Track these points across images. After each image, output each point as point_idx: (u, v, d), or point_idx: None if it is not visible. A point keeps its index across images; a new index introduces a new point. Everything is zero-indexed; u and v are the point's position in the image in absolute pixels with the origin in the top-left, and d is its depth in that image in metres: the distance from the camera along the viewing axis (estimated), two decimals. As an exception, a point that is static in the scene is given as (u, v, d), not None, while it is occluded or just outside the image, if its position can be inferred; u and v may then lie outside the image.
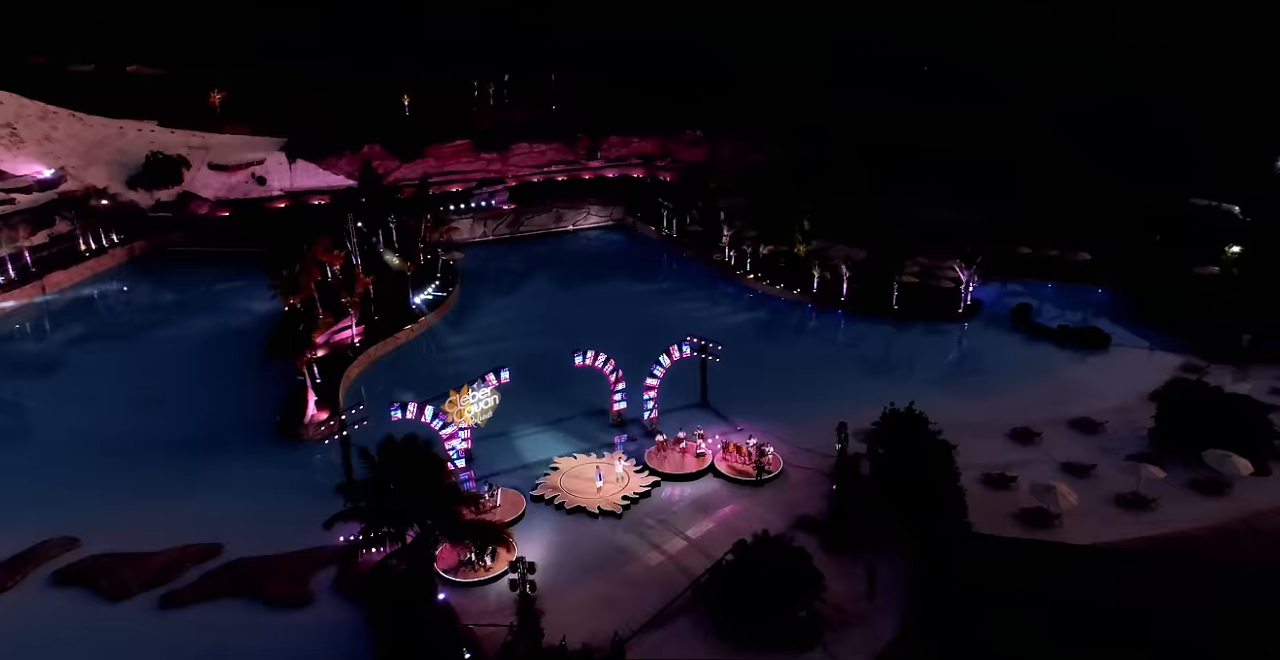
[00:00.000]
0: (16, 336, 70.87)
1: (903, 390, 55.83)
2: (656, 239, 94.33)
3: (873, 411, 46.89)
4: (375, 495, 34.76)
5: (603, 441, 52.59)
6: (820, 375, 61.19)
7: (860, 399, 53.88)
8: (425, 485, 34.38)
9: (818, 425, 51.65)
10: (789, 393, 57.79)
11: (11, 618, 38.35)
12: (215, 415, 55.53)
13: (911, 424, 44.89)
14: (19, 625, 37.78)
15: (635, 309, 74.64)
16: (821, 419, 52.36)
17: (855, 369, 63.19)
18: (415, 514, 33.67)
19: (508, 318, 73.73)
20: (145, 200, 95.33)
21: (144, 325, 73.30)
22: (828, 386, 58.84)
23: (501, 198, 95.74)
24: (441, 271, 78.37)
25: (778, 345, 67.49)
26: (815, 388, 58.68)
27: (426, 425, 46.65)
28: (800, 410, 54.60)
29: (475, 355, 65.29)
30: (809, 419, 53.17)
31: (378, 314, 68.23)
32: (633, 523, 44.66)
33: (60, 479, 48.56)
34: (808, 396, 57.00)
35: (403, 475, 34.33)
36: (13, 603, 39.36)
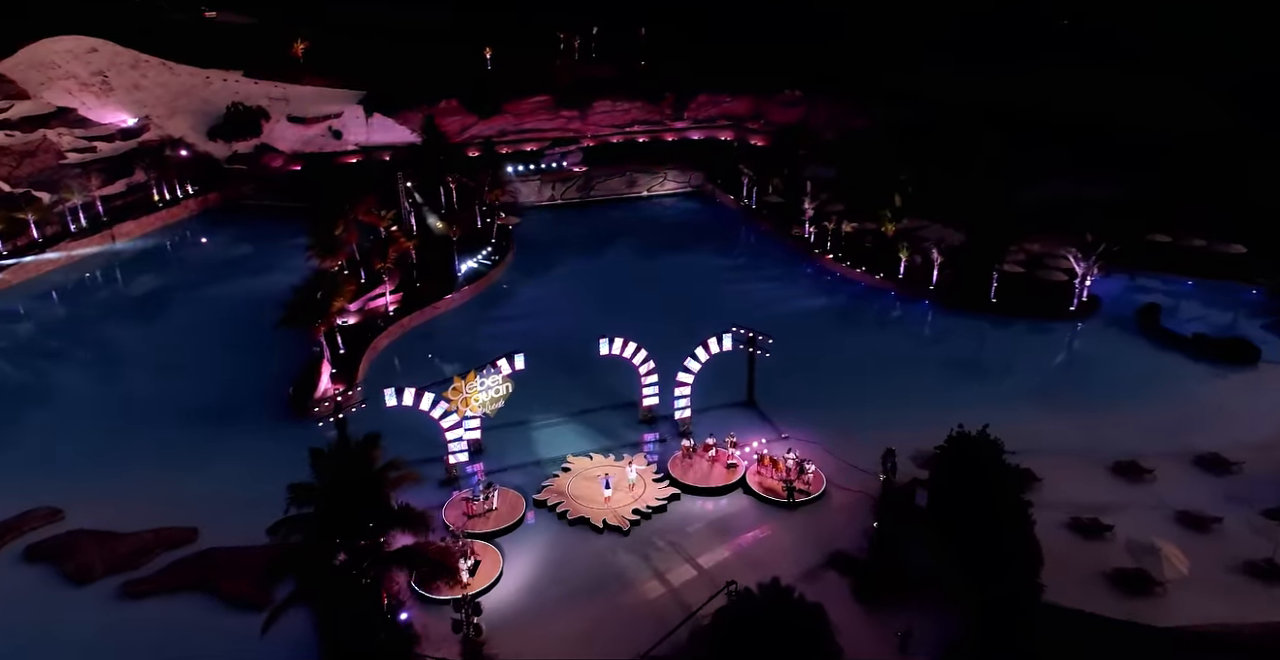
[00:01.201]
0: (71, 288, 70.67)
1: (990, 400, 48.90)
2: (734, 209, 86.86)
3: (949, 424, 39.74)
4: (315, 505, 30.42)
5: (628, 440, 47.07)
6: (893, 377, 53.31)
7: (936, 409, 46.67)
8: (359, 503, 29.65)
9: (879, 439, 44.10)
10: (853, 397, 50.52)
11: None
12: (235, 383, 52.96)
13: (981, 451, 37.24)
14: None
15: (698, 287, 68.08)
16: (885, 430, 45.44)
17: (936, 371, 54.85)
18: (346, 534, 29.06)
19: (558, 290, 68.56)
20: (222, 151, 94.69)
21: (197, 282, 71.98)
22: (900, 391, 51.09)
23: (574, 159, 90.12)
24: (496, 237, 73.81)
25: (850, 338, 59.72)
26: (885, 392, 51.05)
27: (425, 414, 42.37)
28: (862, 418, 47.51)
29: (515, 331, 60.71)
30: (870, 430, 45.99)
31: (419, 281, 64.40)
32: (640, 542, 39.15)
33: (61, 444, 47.11)
34: (874, 402, 49.64)
35: (340, 489, 29.75)
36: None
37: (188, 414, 49.68)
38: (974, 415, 42.68)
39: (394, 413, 41.78)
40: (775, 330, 56.13)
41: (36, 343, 60.23)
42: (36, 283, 70.35)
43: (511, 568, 37.35)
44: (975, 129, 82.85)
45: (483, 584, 35.90)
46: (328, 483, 29.97)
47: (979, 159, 78.44)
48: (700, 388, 47.83)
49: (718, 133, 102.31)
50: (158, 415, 49.82)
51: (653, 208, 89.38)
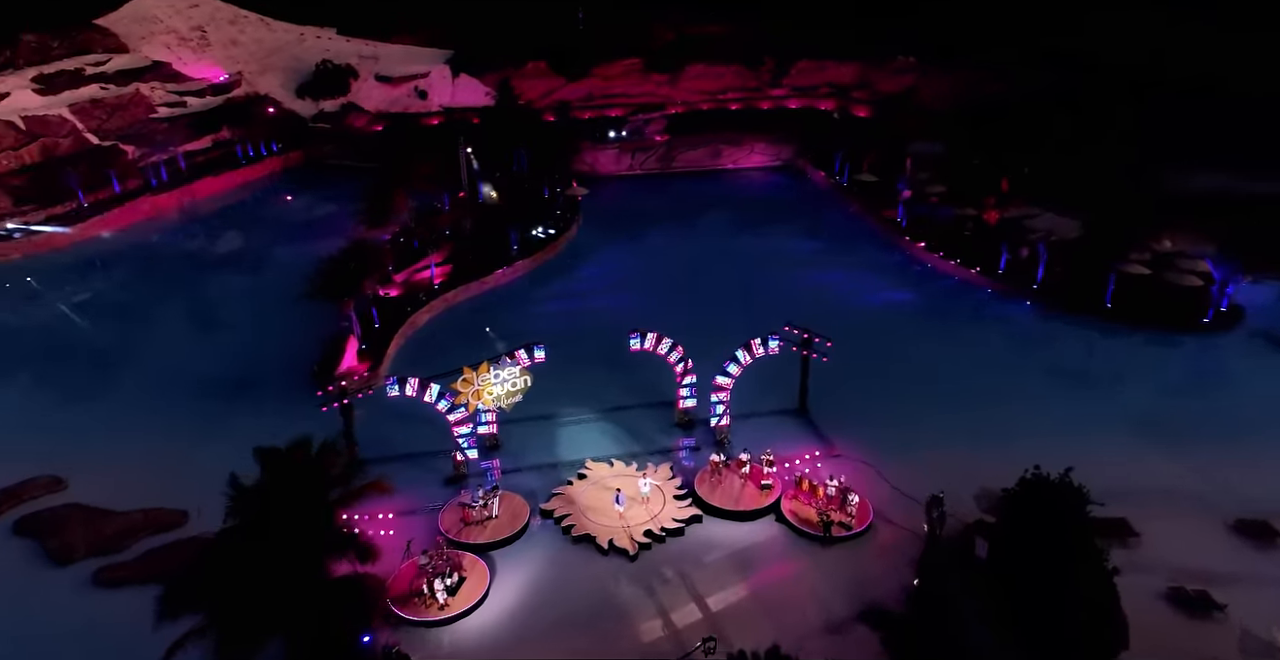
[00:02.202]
0: (137, 245, 70.76)
1: (1088, 425, 42.12)
2: (824, 187, 79.59)
3: (1034, 452, 33.55)
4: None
5: (659, 446, 42.40)
6: (976, 390, 46.28)
7: (1021, 432, 41.03)
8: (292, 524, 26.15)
9: (946, 465, 38.89)
10: (923, 411, 44.04)
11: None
12: (265, 353, 50.76)
13: (1061, 501, 30.76)
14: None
15: (773, 271, 61.95)
16: (955, 455, 39.82)
17: (1029, 387, 47.35)
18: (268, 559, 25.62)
19: (621, 268, 63.85)
20: (308, 110, 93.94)
21: (265, 243, 70.91)
22: (981, 408, 44.26)
23: (656, 127, 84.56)
24: (562, 207, 69.64)
25: (931, 340, 52.54)
26: (963, 408, 44.29)
27: (430, 407, 38.92)
28: (930, 438, 41.37)
29: (564, 311, 56.89)
30: (937, 453, 40.24)
31: (470, 253, 61.05)
32: (647, 568, 34.63)
33: (78, 408, 46.26)
34: (948, 420, 43.11)
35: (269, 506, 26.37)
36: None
37: (208, 384, 47.99)
38: (1066, 443, 37.05)
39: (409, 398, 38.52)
40: (849, 326, 50.66)
41: (86, 300, 60.13)
42: (109, 238, 70.86)
43: (500, 588, 33.61)
44: (1111, 100, 72.26)
45: (463, 606, 32.31)
46: (254, 500, 26.53)
47: (1110, 136, 68.36)
48: (746, 390, 42.64)
49: (818, 102, 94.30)
50: (179, 383, 48.33)
51: (736, 182, 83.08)
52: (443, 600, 31.96)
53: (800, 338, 42.04)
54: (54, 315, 57.61)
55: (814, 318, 49.49)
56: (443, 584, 32.04)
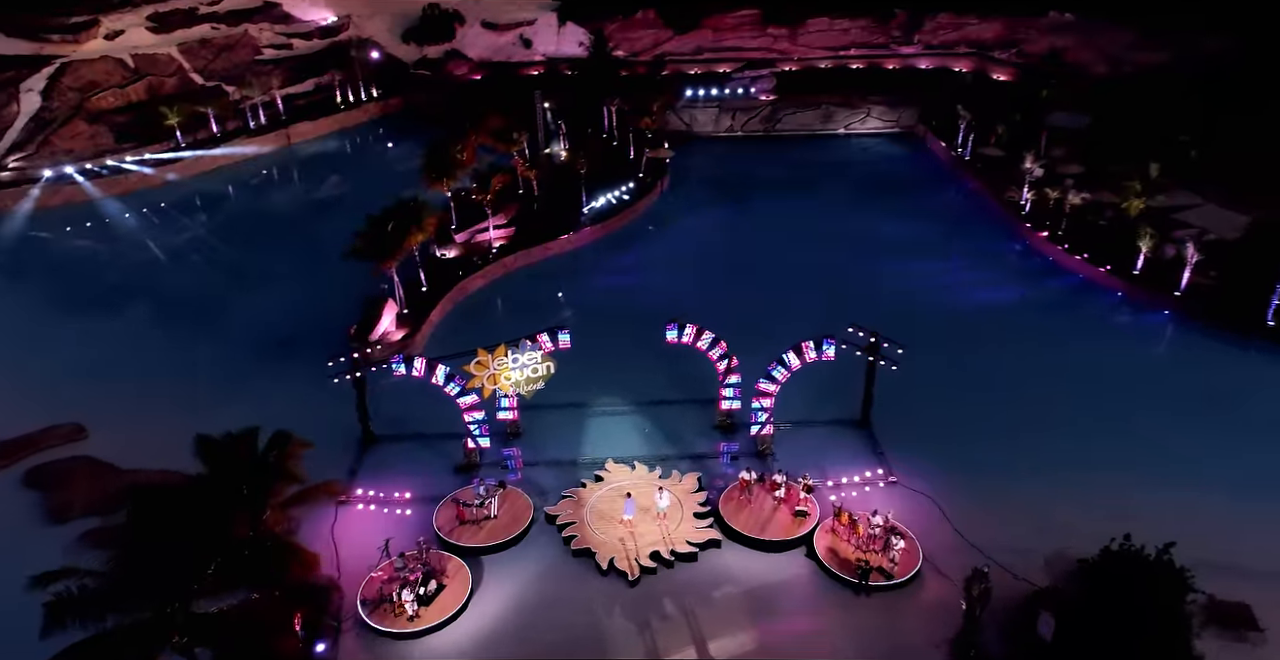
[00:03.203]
0: (223, 189, 70.86)
1: (1220, 476, 34.67)
2: (943, 159, 71.00)
3: (1141, 506, 27.51)
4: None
5: (694, 450, 37.74)
6: (1082, 418, 38.94)
7: (1131, 475, 34.36)
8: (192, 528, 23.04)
9: (1027, 511, 32.85)
10: (1012, 438, 37.45)
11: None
12: (317, 311, 48.77)
13: (1153, 582, 24.49)
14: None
15: (869, 255, 55.24)
16: (1038, 498, 33.71)
17: (1152, 416, 39.24)
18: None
19: (698, 242, 58.56)
20: (412, 55, 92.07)
21: (347, 192, 69.76)
22: (1085, 441, 37.27)
23: (764, 85, 77.60)
24: (645, 170, 64.69)
25: (1040, 348, 44.83)
26: (1062, 439, 37.39)
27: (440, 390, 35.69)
28: (1013, 471, 35.26)
29: (626, 287, 52.55)
30: (1017, 490, 34.32)
31: (536, 216, 57.31)
32: (645, 598, 30.38)
33: (112, 354, 45.73)
34: (1041, 450, 36.59)
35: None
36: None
37: (250, 340, 46.74)
38: (1183, 499, 30.70)
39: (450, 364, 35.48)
40: (941, 324, 44.75)
41: (160, 244, 60.30)
42: (199, 180, 71.31)
43: (480, 602, 30.22)
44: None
45: (435, 619, 29.15)
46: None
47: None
48: (801, 393, 37.39)
49: (953, 62, 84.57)
50: (223, 337, 47.42)
51: (846, 149, 75.40)
52: (412, 611, 28.87)
53: (867, 340, 36.09)
54: (124, 257, 58.03)
55: (901, 312, 44.45)
56: (412, 593, 28.89)
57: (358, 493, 35.50)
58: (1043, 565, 29.91)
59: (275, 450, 26.83)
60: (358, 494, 35.45)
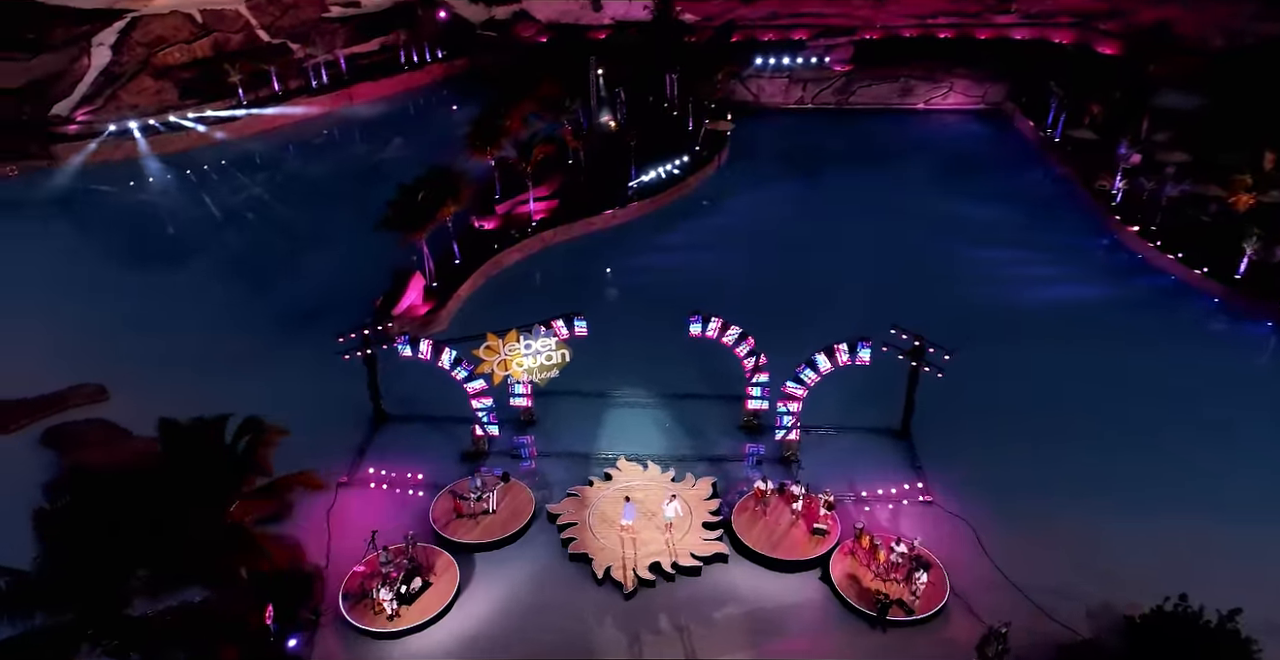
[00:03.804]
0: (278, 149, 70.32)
1: None
2: (1031, 140, 65.31)
3: (1212, 558, 24.16)
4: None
5: (715, 451, 35.18)
6: (1158, 443, 34.68)
7: (1199, 523, 30.34)
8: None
9: (1076, 549, 29.61)
10: (1072, 462, 33.64)
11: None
12: (350, 281, 47.53)
13: (1203, 646, 21.08)
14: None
15: (937, 244, 51.06)
16: (1091, 534, 30.35)
17: (1243, 445, 34.69)
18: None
19: (753, 222, 54.99)
20: (480, 15, 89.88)
21: (405, 155, 68.24)
22: (1156, 470, 33.21)
23: (840, 55, 72.62)
24: (702, 143, 61.36)
25: (1116, 359, 40.15)
26: (1131, 466, 33.37)
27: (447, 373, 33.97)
28: (1066, 504, 31.55)
29: (669, 267, 49.80)
30: (1068, 527, 30.73)
31: (581, 189, 54.83)
32: (640, 612, 28.25)
33: (142, 311, 45.43)
34: (1104, 481, 32.72)
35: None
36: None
37: (279, 309, 45.67)
38: (1265, 553, 26.47)
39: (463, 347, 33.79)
40: (1013, 323, 41.13)
41: (210, 202, 60.14)
42: (256, 139, 71.01)
43: (465, 603, 28.60)
44: None
45: (416, 619, 27.65)
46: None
47: None
48: (838, 395, 34.41)
49: (1052, 33, 77.65)
50: (249, 300, 46.75)
51: (925, 126, 70.21)
52: (391, 610, 27.42)
53: (911, 344, 32.71)
54: (172, 216, 58.09)
55: (964, 306, 41.19)
56: (391, 592, 27.42)
57: (363, 473, 34.29)
58: (1085, 615, 26.55)
59: (246, 438, 25.40)
60: (360, 476, 34.25)
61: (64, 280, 49.06)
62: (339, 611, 27.86)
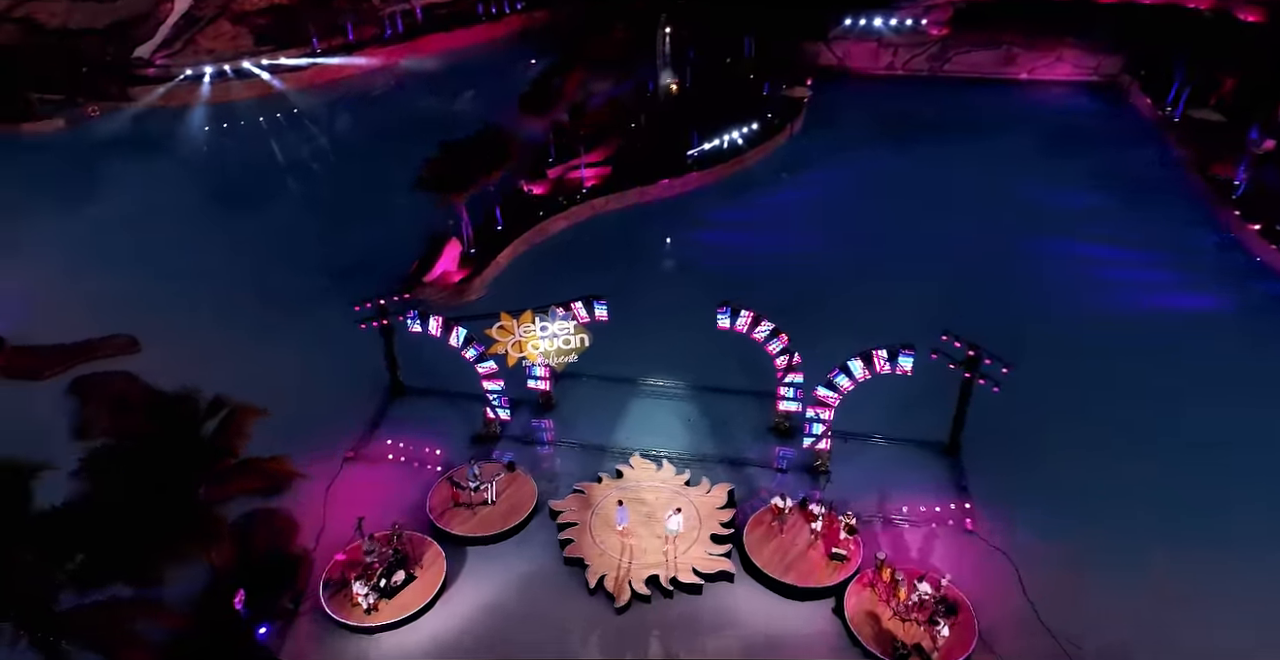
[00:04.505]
0: (342, 101, 68.97)
1: None
2: (1146, 119, 58.48)
3: None
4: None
5: (740, 453, 32.38)
6: (1259, 491, 30.18)
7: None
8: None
9: (1137, 602, 26.04)
10: (1149, 501, 29.36)
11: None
12: (389, 242, 45.85)
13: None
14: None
15: (1026, 236, 46.11)
16: (1155, 585, 26.78)
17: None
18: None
19: (823, 197, 50.74)
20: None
21: (473, 110, 66.02)
22: (1254, 526, 28.75)
23: (937, 16, 66.27)
24: (776, 110, 57.21)
25: (1221, 380, 35.04)
26: (1221, 516, 28.98)
27: (457, 352, 32.10)
28: (1129, 549, 27.72)
29: (725, 244, 46.60)
30: (1130, 575, 26.91)
31: (637, 155, 51.72)
32: (630, 630, 26.10)
33: (181, 262, 45.07)
34: (1182, 528, 28.51)
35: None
36: (23, 397, 36.65)
37: (314, 264, 44.51)
38: None
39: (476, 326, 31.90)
40: (1097, 331, 37.14)
41: (261, 154, 59.35)
42: (325, 90, 70.00)
43: (447, 602, 26.97)
44: None
45: (392, 617, 26.19)
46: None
47: None
48: (884, 398, 31.14)
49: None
50: (289, 257, 45.62)
51: (1027, 99, 63.72)
52: (367, 604, 26.02)
53: (964, 353, 29.02)
54: (228, 166, 57.64)
55: (1042, 306, 36.98)
56: (366, 586, 25.97)
57: (371, 449, 33.01)
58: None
59: (221, 415, 24.02)
60: (367, 452, 32.96)
61: (113, 225, 49.26)
62: (319, 600, 26.67)
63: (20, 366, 38.56)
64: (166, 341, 39.70)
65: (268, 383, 36.33)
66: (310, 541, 29.04)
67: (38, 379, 37.98)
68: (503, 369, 32.24)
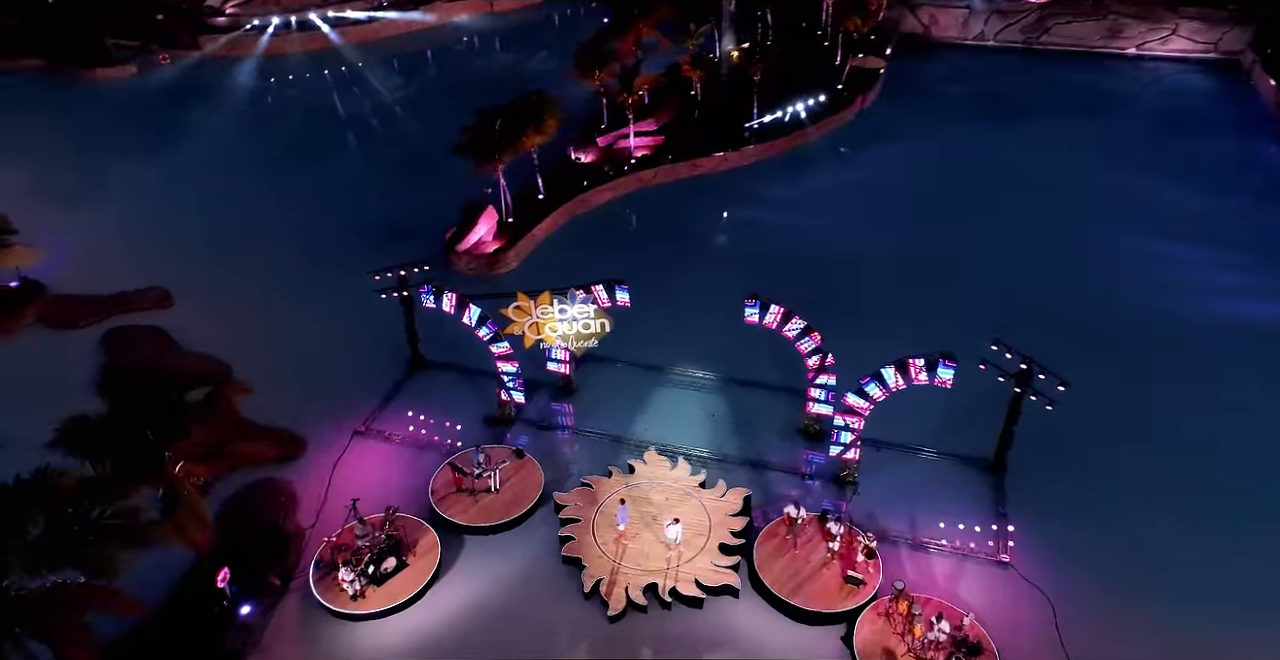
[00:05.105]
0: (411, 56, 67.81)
1: None
2: (1271, 104, 52.67)
3: None
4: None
5: (766, 456, 30.20)
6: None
7: None
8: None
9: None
10: (1219, 546, 26.19)
11: (18, 360, 35.71)
12: (434, 206, 44.49)
13: None
14: (23, 368, 34.75)
15: (1117, 227, 42.26)
16: (1209, 641, 23.49)
17: None
18: None
19: (891, 178, 47.24)
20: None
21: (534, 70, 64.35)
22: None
23: (1038, -18, 61.20)
24: (847, 83, 53.57)
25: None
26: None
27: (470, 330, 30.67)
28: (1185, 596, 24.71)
29: (779, 225, 44.08)
30: (1182, 627, 24.04)
31: (692, 126, 49.03)
32: (621, 640, 24.50)
33: (223, 216, 44.90)
34: (1252, 578, 25.39)
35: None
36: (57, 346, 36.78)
37: (357, 224, 43.90)
38: None
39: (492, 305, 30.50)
40: (1184, 345, 33.99)
41: (321, 108, 58.74)
42: (390, 44, 68.98)
43: (435, 596, 25.78)
44: None
45: (378, 606, 25.19)
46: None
47: None
48: (925, 406, 28.56)
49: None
50: (333, 215, 45.05)
51: (1133, 75, 58.28)
52: (354, 590, 25.09)
53: (1016, 366, 26.14)
54: (286, 119, 57.24)
55: (1119, 319, 34.03)
56: (352, 572, 25.01)
57: (382, 424, 32.05)
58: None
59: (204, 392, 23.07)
60: (378, 427, 32.00)
61: (166, 175, 49.39)
62: (308, 580, 25.88)
63: (58, 315, 38.86)
64: (201, 296, 39.63)
65: (292, 344, 36.33)
66: (310, 517, 28.30)
67: (73, 328, 38.20)
68: (520, 351, 30.72)
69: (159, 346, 36.67)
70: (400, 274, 32.41)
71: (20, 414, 26.98)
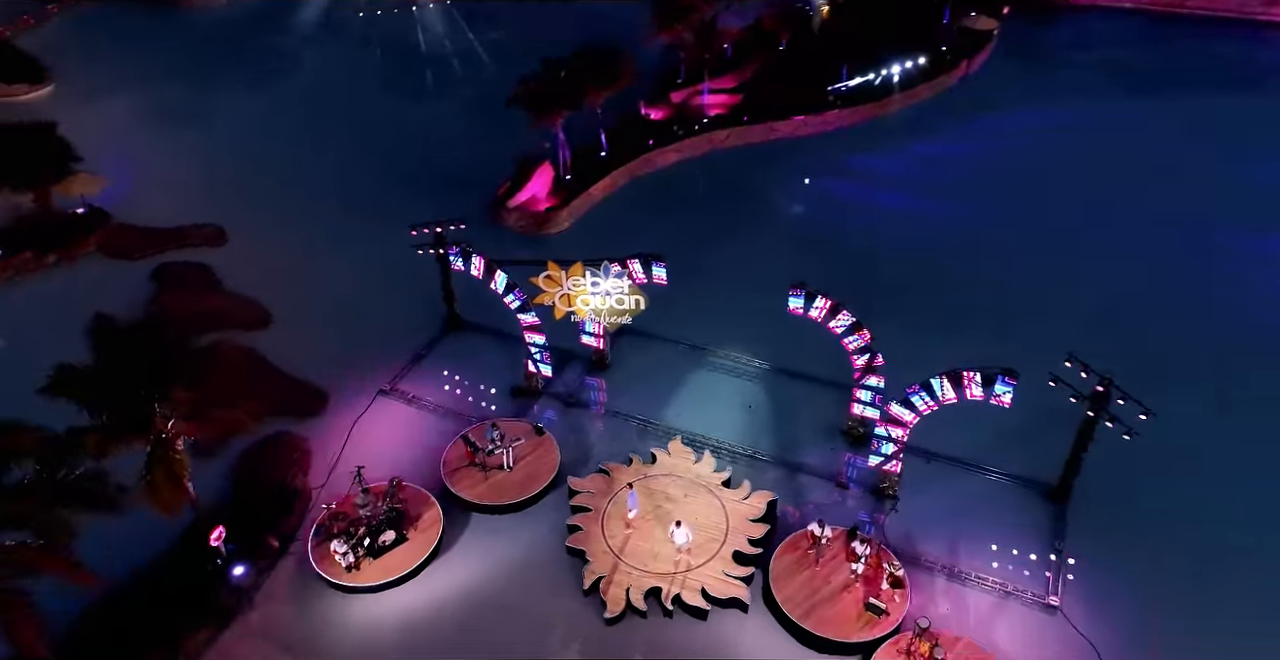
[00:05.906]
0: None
1: None
2: None
3: None
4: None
5: (800, 456, 27.85)
6: None
7: None
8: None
9: None
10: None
11: (72, 286, 35.96)
12: (493, 154, 42.65)
13: None
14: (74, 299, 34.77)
15: (1253, 229, 37.36)
16: None
17: None
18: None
19: (990, 153, 42.76)
20: None
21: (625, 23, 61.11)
22: None
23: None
24: (952, 44, 48.73)
25: None
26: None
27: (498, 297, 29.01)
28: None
29: (854, 201, 40.76)
30: None
31: (772, 86, 45.42)
32: (616, 646, 22.98)
33: (285, 158, 44.03)
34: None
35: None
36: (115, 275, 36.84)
37: (415, 173, 42.46)
38: None
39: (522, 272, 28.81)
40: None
41: (396, 52, 56.81)
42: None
43: (430, 576, 24.71)
44: None
45: (372, 580, 24.27)
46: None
47: None
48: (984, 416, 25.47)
49: None
50: (394, 162, 43.64)
51: (1288, 50, 51.44)
52: (347, 561, 24.21)
53: (1091, 386, 22.83)
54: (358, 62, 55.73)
55: (1228, 337, 29.96)
56: (345, 545, 24.10)
57: (407, 384, 31.02)
58: None
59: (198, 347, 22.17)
60: (402, 387, 30.96)
61: (240, 109, 49.04)
62: (305, 546, 25.18)
63: (119, 245, 39.09)
64: (253, 236, 39.26)
65: (331, 293, 35.58)
66: (320, 477, 27.59)
67: (131, 259, 38.35)
68: (552, 321, 28.92)
69: (203, 285, 36.64)
70: (438, 231, 30.86)
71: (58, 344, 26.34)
